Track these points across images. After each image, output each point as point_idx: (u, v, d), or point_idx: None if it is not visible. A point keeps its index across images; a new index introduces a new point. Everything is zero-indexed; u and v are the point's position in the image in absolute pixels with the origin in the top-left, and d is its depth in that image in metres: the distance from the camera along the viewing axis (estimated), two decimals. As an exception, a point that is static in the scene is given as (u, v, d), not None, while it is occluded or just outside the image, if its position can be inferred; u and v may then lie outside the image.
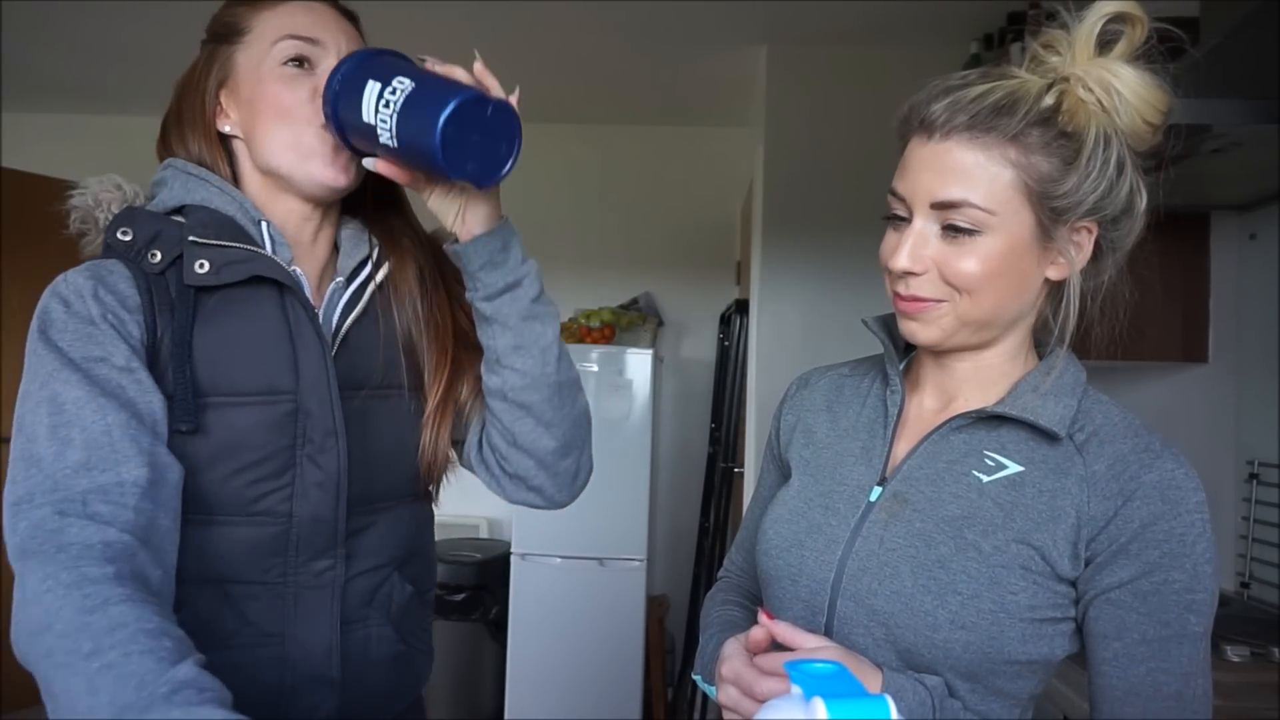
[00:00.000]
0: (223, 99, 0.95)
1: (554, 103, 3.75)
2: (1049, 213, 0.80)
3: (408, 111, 0.83)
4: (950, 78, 0.83)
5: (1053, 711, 1.44)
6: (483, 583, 3.43)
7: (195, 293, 0.88)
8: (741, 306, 3.40)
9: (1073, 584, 0.80)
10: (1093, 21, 0.79)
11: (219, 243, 0.89)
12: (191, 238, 0.89)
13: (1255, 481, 1.94)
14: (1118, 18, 0.79)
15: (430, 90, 0.84)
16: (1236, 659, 1.55)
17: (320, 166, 0.92)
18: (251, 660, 0.88)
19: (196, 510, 0.86)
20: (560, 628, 3.40)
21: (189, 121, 0.95)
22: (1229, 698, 1.39)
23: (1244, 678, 1.49)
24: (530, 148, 3.98)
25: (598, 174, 4.03)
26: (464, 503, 3.89)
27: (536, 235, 4.03)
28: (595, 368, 3.47)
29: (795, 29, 2.87)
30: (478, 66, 0.88)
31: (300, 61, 0.92)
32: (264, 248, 0.92)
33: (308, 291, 0.94)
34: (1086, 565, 0.79)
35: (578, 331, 3.63)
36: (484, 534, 3.86)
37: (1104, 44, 0.80)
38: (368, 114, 0.85)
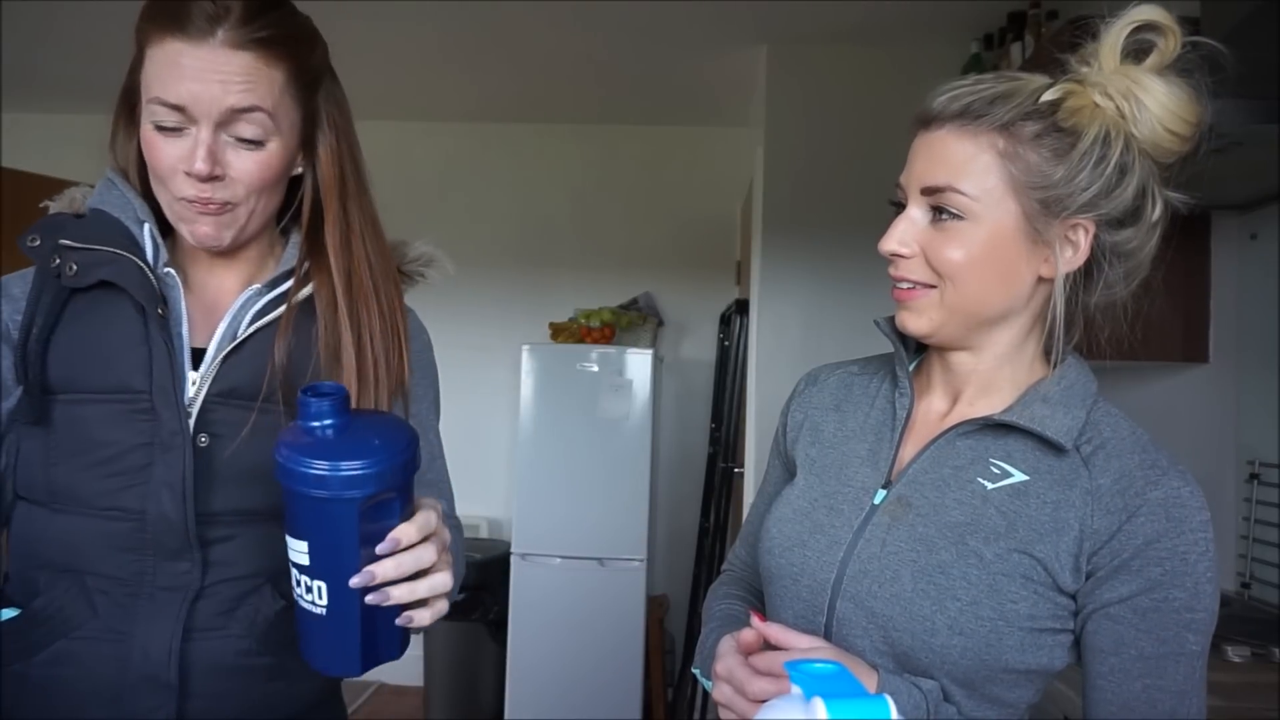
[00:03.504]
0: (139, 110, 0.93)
1: (554, 103, 3.75)
2: (1037, 205, 0.80)
3: (303, 621, 0.78)
4: (964, 78, 0.83)
5: (1053, 712, 1.44)
6: (483, 583, 3.43)
7: (71, 293, 0.92)
8: (741, 306, 3.40)
9: (1073, 596, 0.80)
10: (1119, 29, 0.79)
11: (86, 246, 0.91)
12: (62, 241, 0.92)
13: (1255, 481, 1.94)
14: (1151, 28, 0.78)
15: (332, 631, 0.76)
16: (1236, 659, 1.54)
17: (190, 230, 0.92)
18: (94, 653, 0.89)
19: (55, 499, 0.91)
20: (560, 628, 3.39)
21: (116, 121, 0.96)
22: (1229, 698, 1.39)
23: (1244, 678, 1.48)
24: (530, 147, 3.98)
25: (598, 174, 4.03)
26: (463, 503, 3.89)
27: (537, 235, 4.07)
28: (595, 368, 3.47)
29: (794, 29, 2.87)
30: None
31: (171, 128, 0.87)
32: (144, 249, 0.93)
33: (180, 294, 0.94)
34: (1087, 579, 0.79)
35: (578, 331, 3.63)
36: (484, 534, 3.86)
37: (1138, 53, 0.79)
38: (290, 552, 0.77)
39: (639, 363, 3.47)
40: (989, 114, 0.79)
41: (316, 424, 0.74)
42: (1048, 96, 0.79)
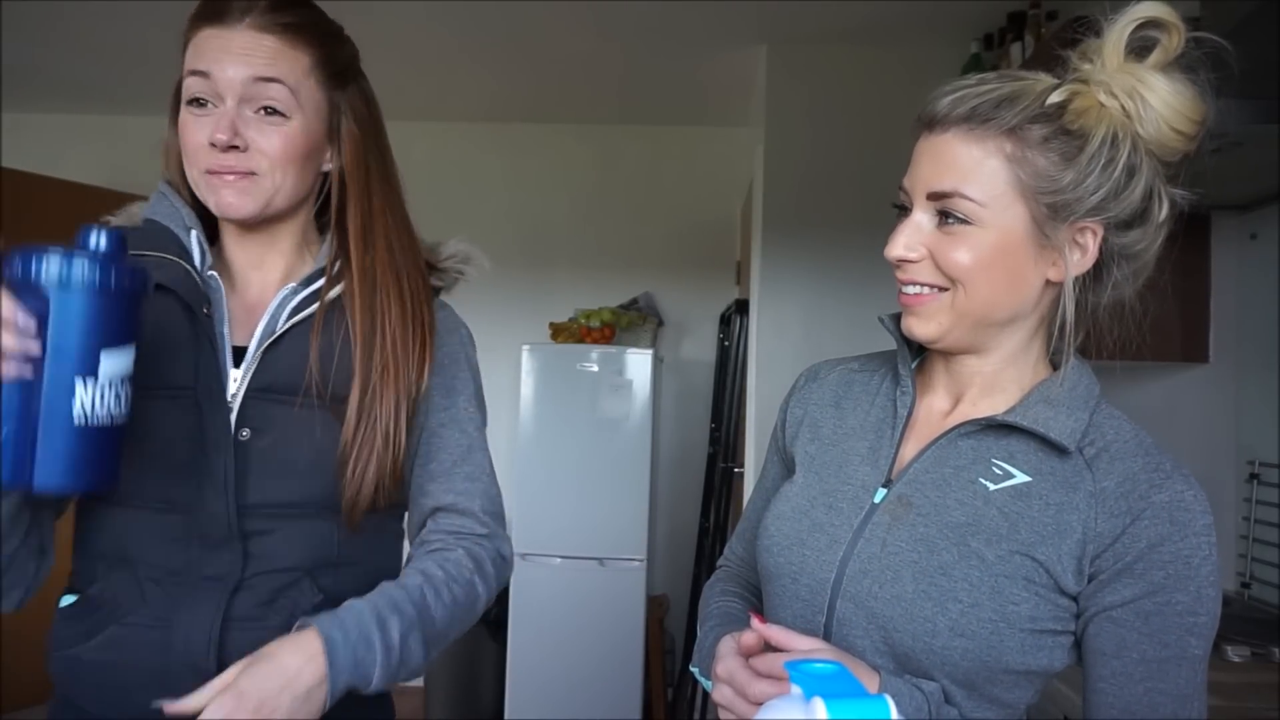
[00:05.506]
0: None
1: (554, 103, 3.75)
2: (1045, 210, 0.79)
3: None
4: (967, 78, 0.82)
5: (1053, 711, 1.44)
6: (483, 583, 3.43)
7: None
8: (741, 306, 3.40)
9: (1074, 598, 0.80)
10: (1122, 27, 0.78)
11: (137, 252, 0.95)
12: None
13: (1255, 481, 1.94)
14: (1154, 24, 0.77)
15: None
16: (1236, 659, 1.55)
17: (216, 201, 0.96)
18: (141, 640, 0.93)
19: (110, 495, 0.94)
20: (560, 628, 3.39)
21: (169, 131, 1.01)
22: (1229, 698, 1.39)
23: (1244, 678, 1.49)
24: (530, 147, 3.97)
25: (598, 174, 4.03)
26: (464, 503, 3.89)
27: (537, 235, 4.06)
28: (595, 368, 3.47)
29: (795, 29, 2.87)
30: None
31: (199, 101, 0.94)
32: (191, 254, 0.99)
33: (223, 296, 0.99)
34: (1090, 581, 0.79)
35: (578, 331, 3.63)
36: (484, 534, 3.84)
37: (1141, 50, 0.78)
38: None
39: (639, 363, 3.47)
40: (996, 117, 0.78)
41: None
42: (1054, 98, 0.78)
